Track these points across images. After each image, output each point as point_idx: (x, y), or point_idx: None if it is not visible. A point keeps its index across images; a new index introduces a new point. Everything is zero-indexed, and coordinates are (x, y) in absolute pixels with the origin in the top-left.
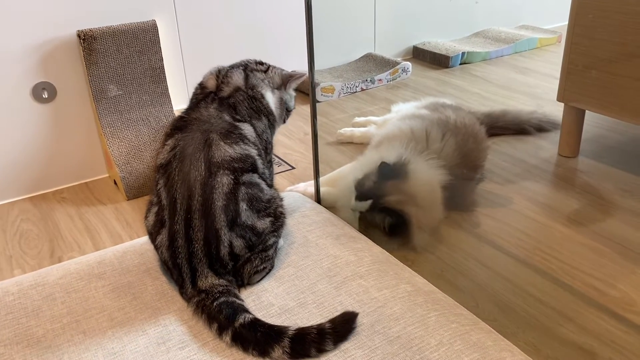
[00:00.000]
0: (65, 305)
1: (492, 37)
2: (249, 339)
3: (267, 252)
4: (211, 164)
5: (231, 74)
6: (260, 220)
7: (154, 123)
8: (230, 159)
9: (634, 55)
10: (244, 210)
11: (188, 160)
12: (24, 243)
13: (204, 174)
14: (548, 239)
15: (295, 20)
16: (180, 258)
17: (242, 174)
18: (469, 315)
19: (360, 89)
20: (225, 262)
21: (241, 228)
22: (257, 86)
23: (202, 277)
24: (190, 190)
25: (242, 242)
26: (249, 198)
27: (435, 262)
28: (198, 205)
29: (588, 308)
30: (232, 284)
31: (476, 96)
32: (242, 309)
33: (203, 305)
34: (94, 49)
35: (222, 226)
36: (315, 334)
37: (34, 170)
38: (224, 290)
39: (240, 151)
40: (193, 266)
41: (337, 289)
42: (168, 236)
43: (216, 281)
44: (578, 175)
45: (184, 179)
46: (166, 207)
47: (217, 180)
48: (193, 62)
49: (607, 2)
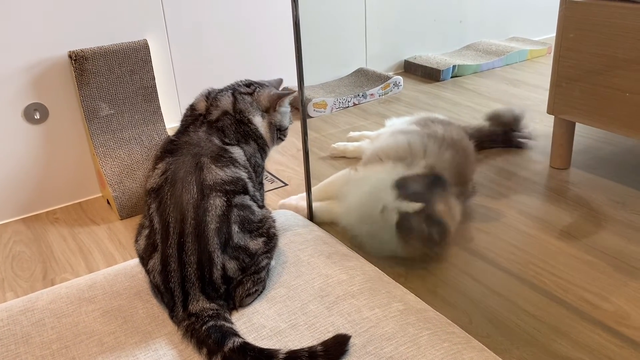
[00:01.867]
0: (55, 330)
1: (483, 50)
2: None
3: (260, 274)
4: (203, 187)
5: (220, 97)
6: (253, 240)
7: (146, 142)
8: (222, 182)
9: (621, 67)
10: (236, 233)
11: (180, 184)
12: (16, 265)
13: (197, 197)
14: (541, 252)
15: (287, 37)
16: (172, 282)
17: (234, 196)
18: (461, 334)
19: (353, 104)
20: (218, 285)
21: (234, 250)
22: (245, 111)
23: (194, 301)
24: (183, 214)
25: (236, 264)
26: (241, 220)
27: (427, 277)
28: (191, 229)
29: (582, 322)
30: (222, 308)
31: (468, 109)
32: (231, 332)
33: (192, 330)
34: (85, 69)
35: (216, 249)
36: (307, 357)
37: (27, 191)
38: (214, 314)
39: (231, 174)
40: (185, 290)
41: (329, 309)
42: (161, 260)
43: (207, 305)
44: (570, 187)
45: (176, 202)
46: (158, 231)
47: (210, 203)
48: (185, 80)
49: (594, 15)
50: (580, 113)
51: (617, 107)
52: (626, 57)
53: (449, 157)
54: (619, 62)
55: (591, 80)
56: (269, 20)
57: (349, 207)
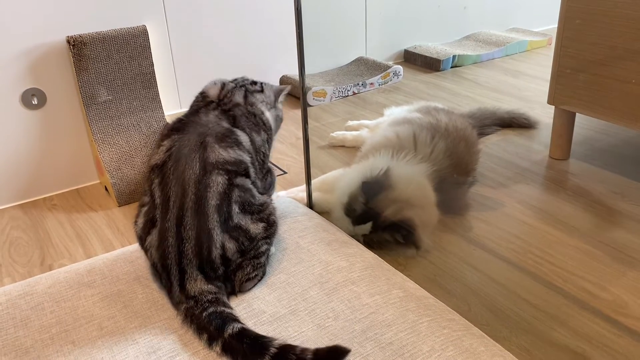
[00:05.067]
0: (54, 314)
1: (483, 40)
2: (237, 349)
3: (259, 259)
4: (206, 164)
5: (234, 91)
6: (253, 224)
7: (145, 128)
8: (224, 161)
9: (623, 58)
10: (237, 213)
11: (183, 160)
12: (13, 251)
13: (199, 173)
14: (540, 242)
15: (286, 25)
16: (169, 258)
17: (235, 177)
18: (460, 321)
19: (352, 93)
20: (216, 265)
21: (234, 229)
22: (256, 103)
23: (191, 280)
24: (184, 189)
25: (235, 245)
26: (242, 201)
27: (427, 266)
28: (191, 203)
29: (580, 311)
30: (221, 291)
31: (467, 99)
32: (231, 318)
33: (192, 315)
34: (83, 55)
35: (215, 226)
36: (297, 354)
37: (24, 177)
38: (213, 299)
39: (234, 155)
40: (182, 267)
41: (328, 296)
42: (158, 235)
43: (205, 287)
44: (569, 177)
45: (178, 177)
46: (159, 205)
47: (212, 179)
48: (184, 67)
49: (596, 5)
50: (581, 104)
51: (618, 98)
52: (628, 47)
53: (451, 146)
54: (620, 53)
55: (592, 70)
56: (269, 7)
57: (335, 202)
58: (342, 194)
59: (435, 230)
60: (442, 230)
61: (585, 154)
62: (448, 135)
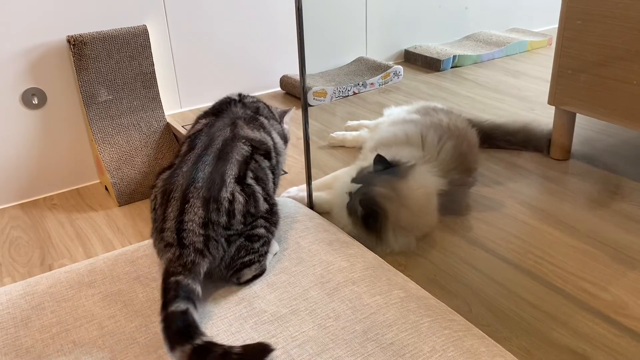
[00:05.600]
0: (54, 314)
1: (483, 40)
2: (170, 327)
3: (253, 244)
4: (235, 135)
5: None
6: (261, 197)
7: (145, 128)
8: (251, 138)
9: (624, 58)
10: (251, 178)
11: (215, 129)
12: (13, 251)
13: (228, 136)
14: (540, 242)
15: (287, 25)
16: (176, 184)
17: (256, 153)
18: (461, 321)
19: (353, 93)
20: (222, 208)
21: (247, 187)
22: (267, 117)
23: (191, 212)
24: (212, 140)
25: (243, 200)
26: (257, 175)
27: (427, 266)
28: (215, 149)
29: (580, 312)
30: (203, 264)
31: (467, 99)
32: (185, 296)
33: (165, 256)
34: (84, 54)
35: (231, 174)
36: (220, 354)
37: (24, 176)
38: (187, 266)
39: (259, 136)
40: (186, 194)
41: (329, 296)
42: (172, 170)
43: (200, 230)
44: (569, 178)
45: (209, 134)
46: (183, 154)
47: (238, 144)
48: (184, 66)
49: (597, 6)
50: (581, 104)
51: (619, 99)
52: (629, 48)
53: (452, 146)
54: (621, 54)
55: (593, 71)
56: (270, 7)
57: (334, 198)
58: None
59: (436, 230)
60: (442, 231)
61: (586, 155)
62: (452, 136)
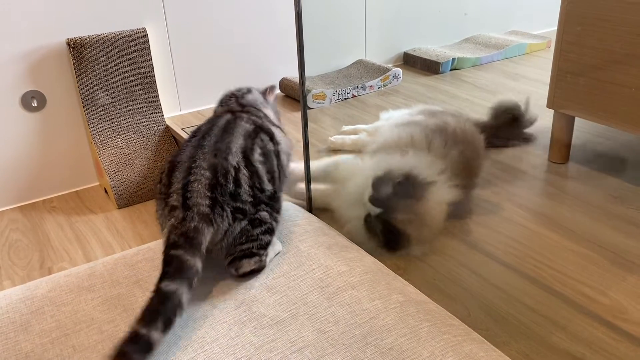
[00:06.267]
0: (54, 319)
1: (482, 43)
2: (153, 307)
3: (253, 231)
4: (237, 116)
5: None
6: (265, 179)
7: (144, 131)
8: (254, 120)
9: (622, 62)
10: (258, 155)
11: (218, 118)
12: (13, 254)
13: (230, 117)
14: (539, 246)
15: (287, 27)
16: (181, 157)
17: (261, 131)
18: (460, 326)
19: (352, 96)
20: (229, 174)
21: (251, 165)
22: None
23: (198, 172)
24: (213, 124)
25: (249, 174)
26: (264, 153)
27: (427, 270)
28: (220, 126)
29: (579, 316)
30: (207, 232)
31: (466, 102)
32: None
33: (169, 222)
34: (83, 57)
35: (237, 144)
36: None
37: (24, 179)
38: (195, 231)
39: (261, 122)
40: (194, 158)
41: (329, 300)
42: (178, 150)
43: (205, 201)
44: (568, 181)
45: (212, 121)
46: (187, 139)
47: (241, 123)
48: (183, 69)
49: (596, 10)
50: (580, 108)
51: (618, 102)
52: (628, 52)
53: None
54: (620, 57)
55: (592, 75)
56: (269, 10)
57: (345, 192)
58: (377, 166)
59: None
60: (441, 234)
61: (585, 158)
62: (457, 139)
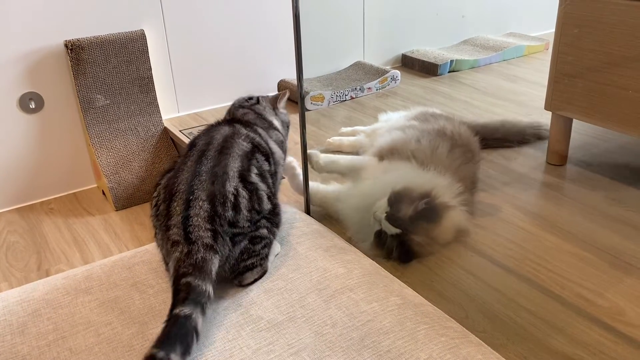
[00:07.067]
0: (51, 321)
1: (480, 45)
2: (167, 330)
3: (255, 247)
4: (234, 132)
5: (238, 110)
6: (265, 196)
7: (142, 133)
8: (252, 137)
9: (619, 64)
10: (255, 175)
11: (214, 131)
12: (10, 255)
13: (228, 133)
14: (537, 248)
15: (285, 29)
16: (179, 183)
17: (258, 151)
18: (458, 328)
19: (350, 98)
20: (227, 202)
21: (250, 184)
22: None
23: (196, 205)
24: (211, 140)
25: (248, 196)
26: (260, 173)
27: (424, 272)
28: (216, 145)
29: (577, 318)
30: (215, 258)
31: (464, 104)
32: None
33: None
34: (81, 59)
35: (234, 168)
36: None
37: (21, 181)
38: (198, 265)
39: (259, 139)
40: (191, 187)
41: (326, 302)
42: (175, 171)
43: (207, 225)
44: (566, 183)
45: (208, 135)
46: (183, 155)
47: (238, 141)
48: (182, 71)
49: (593, 12)
50: (578, 110)
51: (616, 104)
52: (626, 54)
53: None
54: (617, 60)
55: (590, 77)
56: (267, 12)
57: (355, 192)
58: (393, 178)
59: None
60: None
61: (583, 160)
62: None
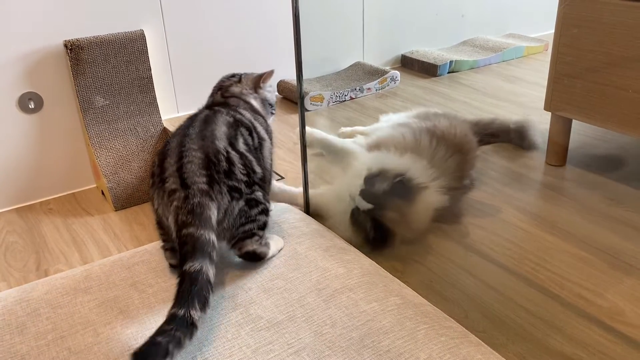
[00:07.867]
0: (50, 321)
1: (480, 46)
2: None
3: (251, 211)
4: (216, 111)
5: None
6: (254, 161)
7: (141, 133)
8: (233, 113)
9: (619, 64)
10: (242, 144)
11: (198, 114)
12: (9, 256)
13: (209, 112)
14: (536, 248)
15: (284, 29)
16: (171, 143)
17: (242, 125)
18: (458, 328)
19: (349, 98)
20: (220, 154)
21: (238, 153)
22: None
23: (189, 154)
24: (195, 117)
25: (238, 156)
26: (247, 143)
27: (424, 272)
28: (200, 120)
29: (576, 318)
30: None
31: (464, 105)
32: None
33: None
34: (81, 59)
35: (222, 131)
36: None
37: (20, 181)
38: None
39: (239, 116)
40: (182, 143)
41: (326, 302)
42: (165, 143)
43: (200, 179)
44: (566, 184)
45: (191, 117)
46: (171, 135)
47: (221, 114)
48: (181, 71)
49: (593, 12)
50: (578, 110)
51: (615, 105)
52: (625, 54)
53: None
54: (617, 60)
55: (589, 77)
56: (267, 12)
57: (337, 183)
58: (372, 163)
59: (432, 236)
60: (438, 237)
61: (582, 161)
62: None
